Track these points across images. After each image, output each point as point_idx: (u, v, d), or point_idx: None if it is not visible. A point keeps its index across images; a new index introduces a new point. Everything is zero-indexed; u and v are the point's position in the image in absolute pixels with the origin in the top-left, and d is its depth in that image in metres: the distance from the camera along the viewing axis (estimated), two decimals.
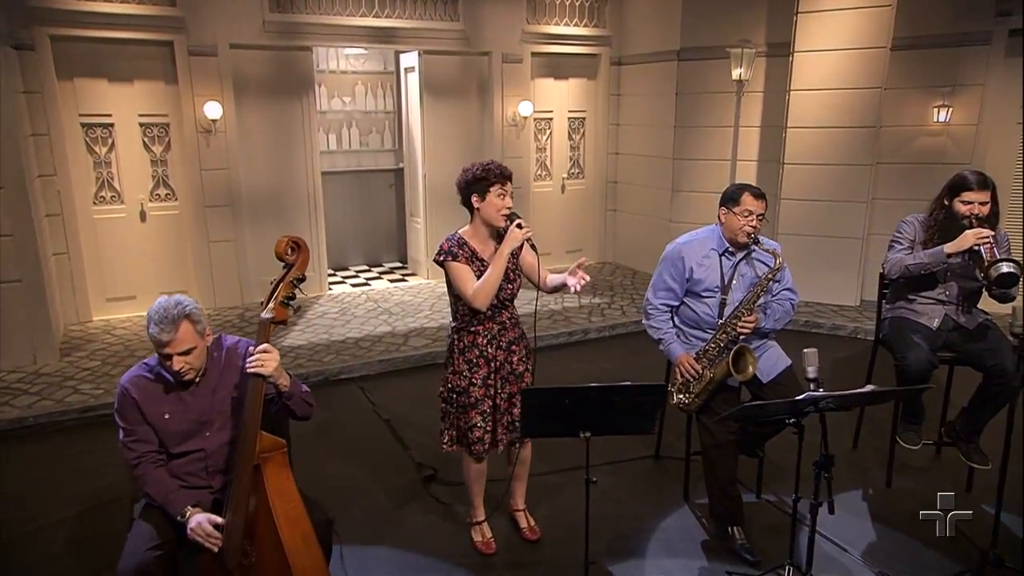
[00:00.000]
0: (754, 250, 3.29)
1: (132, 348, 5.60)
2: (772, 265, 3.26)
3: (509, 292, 2.95)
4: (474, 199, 2.82)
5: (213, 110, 6.33)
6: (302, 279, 2.48)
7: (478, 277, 2.83)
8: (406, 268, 8.50)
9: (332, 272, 8.13)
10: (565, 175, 8.43)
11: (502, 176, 2.81)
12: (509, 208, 2.82)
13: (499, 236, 2.87)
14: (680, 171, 7.74)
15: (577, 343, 5.93)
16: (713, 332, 3.30)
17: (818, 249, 6.75)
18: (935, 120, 6.42)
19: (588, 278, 2.74)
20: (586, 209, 8.65)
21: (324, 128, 8.18)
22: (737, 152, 7.25)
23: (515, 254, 2.81)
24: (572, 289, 2.72)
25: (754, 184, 3.36)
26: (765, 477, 3.60)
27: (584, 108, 8.47)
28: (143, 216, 6.48)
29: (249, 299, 6.90)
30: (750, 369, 3.14)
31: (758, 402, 2.57)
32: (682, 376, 3.27)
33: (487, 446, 2.99)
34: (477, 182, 2.81)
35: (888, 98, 6.48)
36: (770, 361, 3.29)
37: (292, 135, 6.90)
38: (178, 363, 2.37)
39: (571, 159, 8.54)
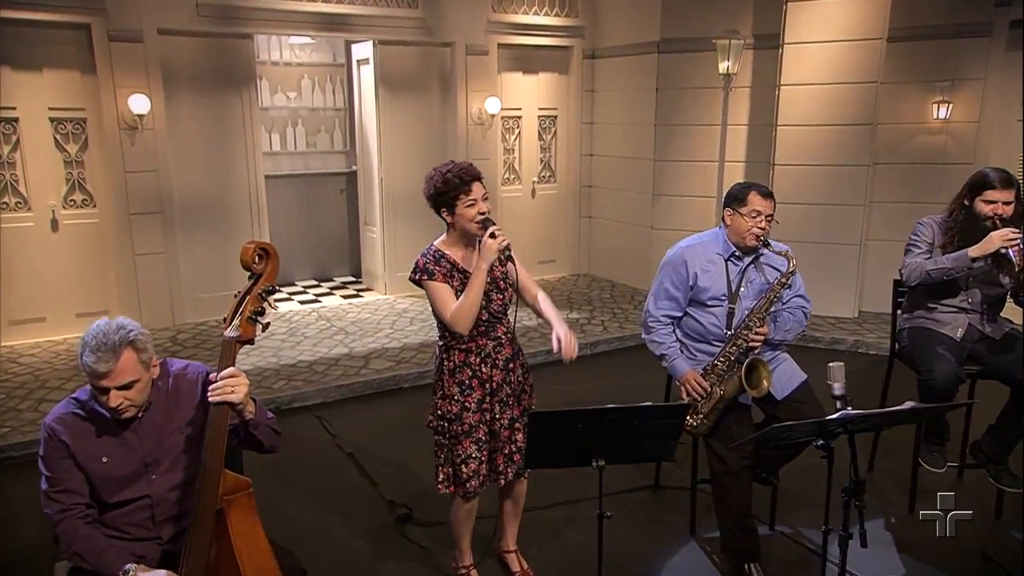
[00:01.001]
0: (763, 254, 3.32)
1: (43, 379, 5.43)
2: (785, 269, 3.28)
3: (500, 303, 2.89)
4: (444, 214, 2.79)
5: (139, 104, 6.17)
6: (272, 291, 2.38)
7: (461, 292, 2.79)
8: (360, 283, 8.47)
9: (278, 287, 7.93)
10: (535, 179, 8.50)
11: (463, 184, 2.74)
12: (483, 214, 2.76)
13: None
14: (662, 174, 7.82)
15: (554, 363, 5.85)
16: (721, 345, 3.30)
17: (812, 256, 6.85)
18: (935, 117, 6.59)
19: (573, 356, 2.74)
20: (558, 216, 8.66)
21: (267, 126, 8.12)
22: (725, 153, 7.34)
23: (501, 262, 2.75)
24: (553, 347, 2.77)
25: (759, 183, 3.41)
26: (779, 507, 3.56)
27: (555, 105, 8.55)
28: (55, 225, 6.29)
29: (182, 319, 6.73)
30: (764, 384, 3.12)
31: (787, 423, 2.51)
32: (688, 396, 3.26)
33: (481, 481, 2.92)
34: (439, 196, 2.77)
35: (885, 93, 6.60)
36: (784, 376, 3.29)
37: (231, 134, 6.84)
38: (116, 399, 2.22)
39: (542, 161, 8.59)
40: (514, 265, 2.81)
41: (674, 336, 3.40)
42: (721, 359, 3.25)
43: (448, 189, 2.74)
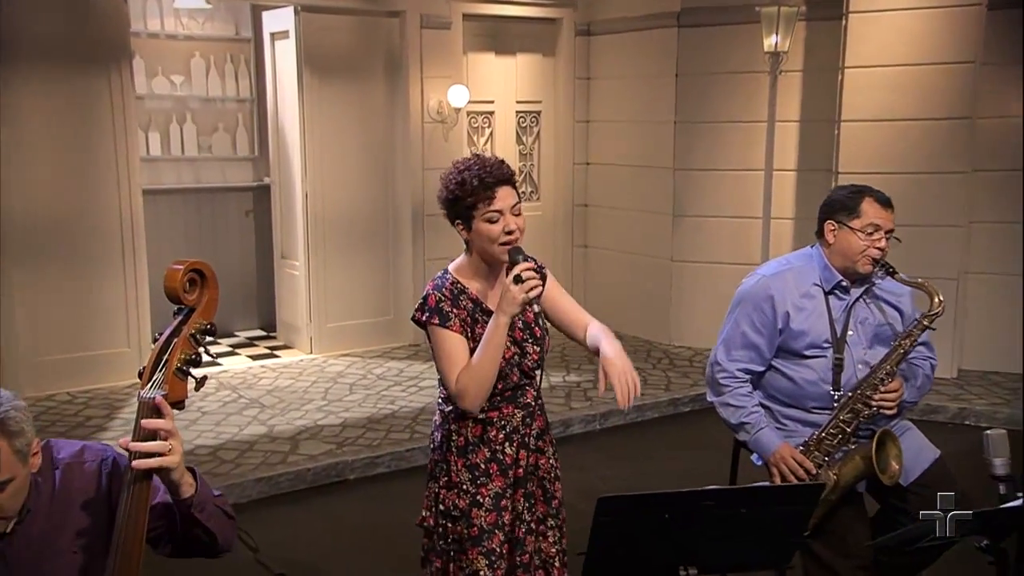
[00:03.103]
0: (875, 283, 3.40)
1: None
2: (907, 304, 3.39)
3: (537, 358, 2.89)
4: (459, 228, 2.81)
5: None
6: (209, 330, 2.25)
7: (471, 339, 2.78)
8: (274, 337, 8.48)
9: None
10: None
11: (484, 188, 2.72)
12: (511, 234, 2.73)
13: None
14: (685, 188, 7.81)
15: (556, 440, 5.92)
16: (821, 410, 3.35)
17: None
18: None
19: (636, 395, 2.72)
20: (543, 244, 8.63)
21: (143, 123, 8.05)
22: (772, 158, 7.37)
23: (532, 304, 2.69)
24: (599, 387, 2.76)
25: (877, 188, 3.37)
26: None
27: (539, 98, 8.54)
28: None
29: (17, 387, 6.43)
30: (895, 466, 3.19)
31: (943, 512, 2.42)
32: (783, 481, 3.28)
33: None
34: (453, 203, 2.78)
35: (986, 77, 6.64)
36: (911, 452, 3.32)
37: (93, 132, 6.77)
38: None
39: (521, 171, 8.61)
40: (536, 304, 2.73)
41: (756, 398, 3.44)
42: (831, 431, 3.27)
43: (463, 194, 2.73)
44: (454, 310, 2.79)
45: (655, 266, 8.11)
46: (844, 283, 3.34)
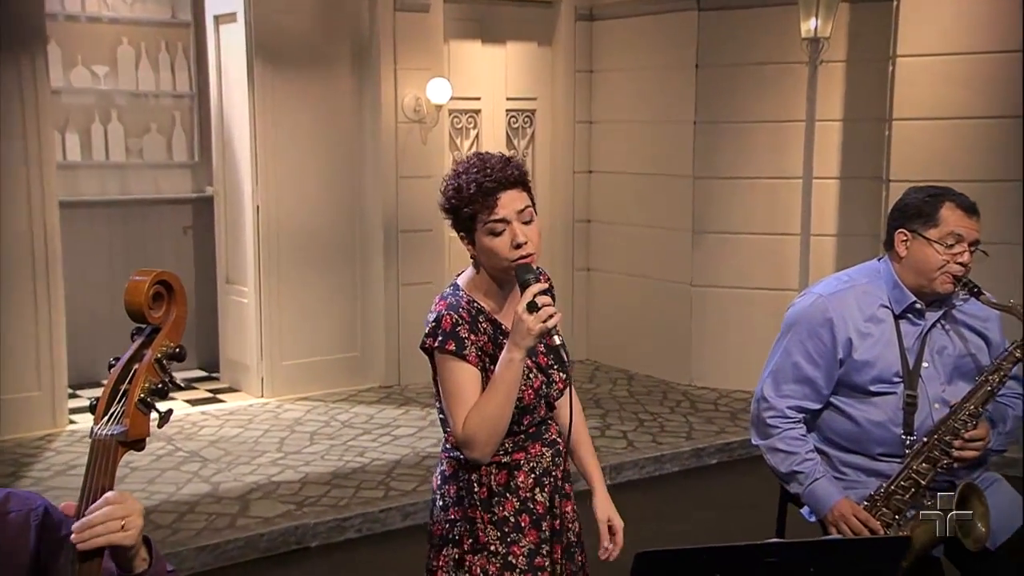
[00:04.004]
0: (956, 306, 3.39)
1: None
2: (996, 333, 3.40)
3: (562, 386, 2.92)
4: (464, 243, 2.85)
5: None
6: (177, 354, 2.24)
7: (491, 370, 2.79)
8: (216, 378, 8.47)
9: (75, 391, 7.95)
10: None
11: (483, 194, 2.74)
12: (521, 248, 2.74)
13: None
14: (707, 199, 7.80)
15: None
16: (890, 458, 3.33)
17: None
18: None
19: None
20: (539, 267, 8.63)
21: (59, 122, 7.99)
22: (812, 164, 7.36)
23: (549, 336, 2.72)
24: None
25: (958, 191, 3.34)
26: None
27: (533, 94, 8.56)
28: None
29: None
30: (981, 529, 3.12)
31: None
32: None
33: None
34: (453, 214, 2.82)
35: None
36: (1000, 510, 3.27)
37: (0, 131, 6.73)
38: None
39: None
40: (564, 356, 2.78)
41: (811, 442, 3.42)
42: (902, 483, 3.24)
43: (460, 202, 2.76)
44: (471, 336, 2.79)
45: (672, 292, 8.07)
46: (918, 305, 3.32)
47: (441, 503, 2.93)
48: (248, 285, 7.78)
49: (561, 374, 2.91)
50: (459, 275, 2.94)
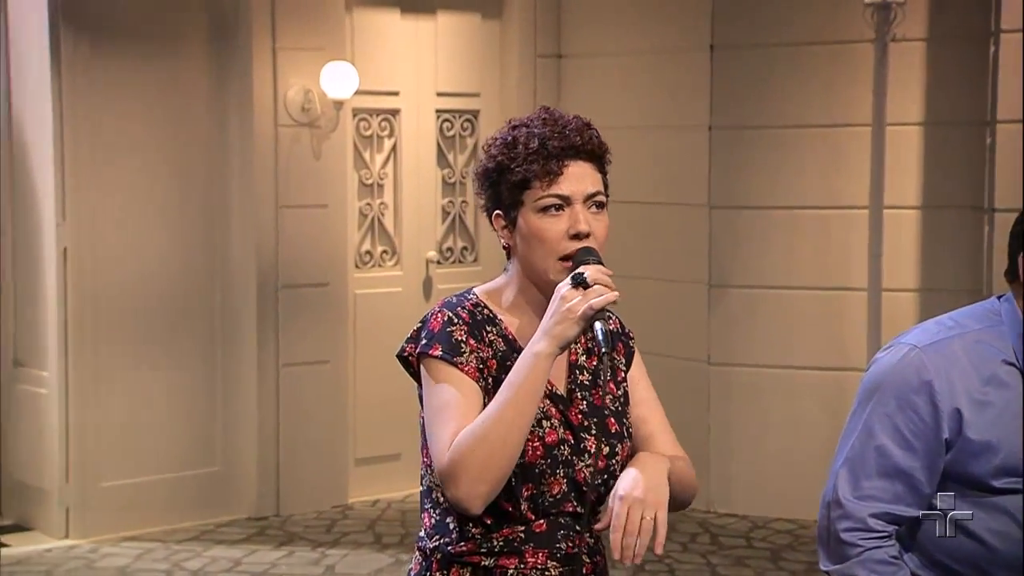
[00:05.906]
0: None
1: None
2: None
3: (604, 464, 2.47)
4: (499, 226, 2.48)
5: None
6: None
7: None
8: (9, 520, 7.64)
9: None
10: (433, 254, 8.00)
11: (550, 154, 2.39)
12: (580, 240, 2.37)
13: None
14: (729, 238, 7.16)
15: None
16: None
17: None
18: None
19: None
20: None
21: None
22: (883, 187, 6.68)
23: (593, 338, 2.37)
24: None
25: None
26: None
27: (475, 88, 8.00)
28: None
29: None
30: None
31: None
32: None
33: None
34: (493, 179, 2.46)
35: None
36: None
37: None
38: None
39: (447, 213, 8.08)
40: (618, 364, 2.54)
41: (907, 568, 2.91)
42: None
43: (508, 160, 2.43)
44: (471, 341, 2.45)
45: (681, 373, 7.16)
46: None
47: None
48: (49, 369, 6.77)
49: (605, 444, 2.45)
50: (480, 284, 2.70)
